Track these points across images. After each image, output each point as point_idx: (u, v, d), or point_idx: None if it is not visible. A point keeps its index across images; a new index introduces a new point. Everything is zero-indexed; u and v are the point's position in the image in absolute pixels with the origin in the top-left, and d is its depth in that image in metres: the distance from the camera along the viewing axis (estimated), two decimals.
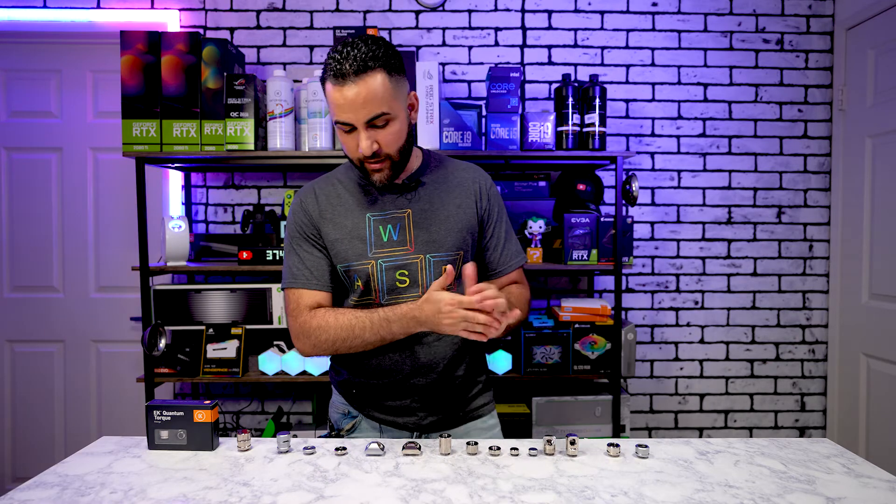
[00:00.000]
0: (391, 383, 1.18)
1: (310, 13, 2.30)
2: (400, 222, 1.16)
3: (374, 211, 1.16)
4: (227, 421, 2.35)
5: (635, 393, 2.39)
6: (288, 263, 1.19)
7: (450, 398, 1.21)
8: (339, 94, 1.03)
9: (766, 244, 2.37)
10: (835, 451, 1.05)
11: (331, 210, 1.17)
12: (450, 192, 1.20)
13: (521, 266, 1.27)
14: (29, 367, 2.38)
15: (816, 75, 2.35)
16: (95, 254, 2.37)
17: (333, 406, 1.29)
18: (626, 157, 2.03)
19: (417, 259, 1.15)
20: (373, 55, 1.03)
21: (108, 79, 2.32)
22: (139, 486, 0.90)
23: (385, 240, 1.15)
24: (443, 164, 1.25)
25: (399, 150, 1.11)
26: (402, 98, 1.10)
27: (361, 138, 1.06)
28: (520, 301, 1.21)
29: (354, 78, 1.02)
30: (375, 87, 1.03)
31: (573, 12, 2.32)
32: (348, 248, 1.15)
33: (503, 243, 1.25)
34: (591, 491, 0.88)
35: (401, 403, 1.19)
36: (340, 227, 1.16)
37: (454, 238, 1.17)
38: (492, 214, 1.24)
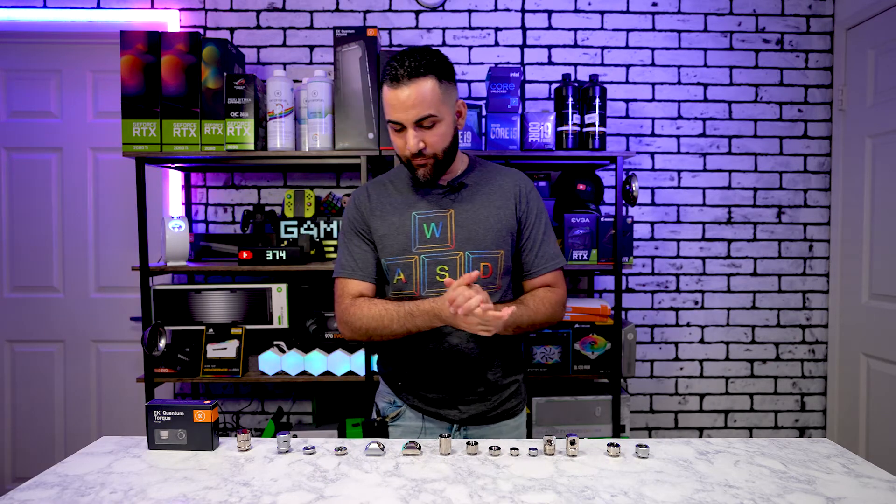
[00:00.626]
0: (433, 377, 1.25)
1: (310, 13, 2.30)
2: (443, 221, 1.24)
3: (420, 210, 1.25)
4: (227, 421, 2.35)
5: (635, 393, 2.39)
6: (339, 255, 1.31)
7: (487, 395, 1.27)
8: (393, 96, 1.15)
9: (766, 244, 2.37)
10: (835, 451, 1.05)
11: (381, 207, 1.28)
12: (491, 194, 1.28)
13: (557, 269, 1.31)
14: (29, 367, 2.38)
15: (816, 75, 2.35)
16: (95, 254, 2.37)
17: (380, 395, 1.37)
18: (626, 157, 2.03)
19: (457, 256, 1.23)
20: (426, 62, 1.15)
21: (108, 79, 2.32)
22: (139, 486, 0.90)
23: (428, 236, 1.24)
24: (487, 168, 1.33)
25: (443, 151, 1.21)
26: (450, 104, 1.21)
27: (409, 137, 1.17)
28: (542, 303, 1.24)
29: (407, 82, 1.14)
30: (425, 91, 1.14)
31: (573, 12, 2.32)
32: (394, 242, 1.24)
33: (539, 245, 1.29)
34: (591, 491, 0.88)
35: (442, 396, 1.26)
36: (388, 223, 1.26)
37: (493, 237, 1.24)
38: (529, 217, 1.29)
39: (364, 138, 1.97)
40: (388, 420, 1.30)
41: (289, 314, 2.07)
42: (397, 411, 1.31)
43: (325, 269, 1.95)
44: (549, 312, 1.26)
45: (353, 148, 1.97)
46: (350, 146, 1.97)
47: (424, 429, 1.28)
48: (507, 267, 1.27)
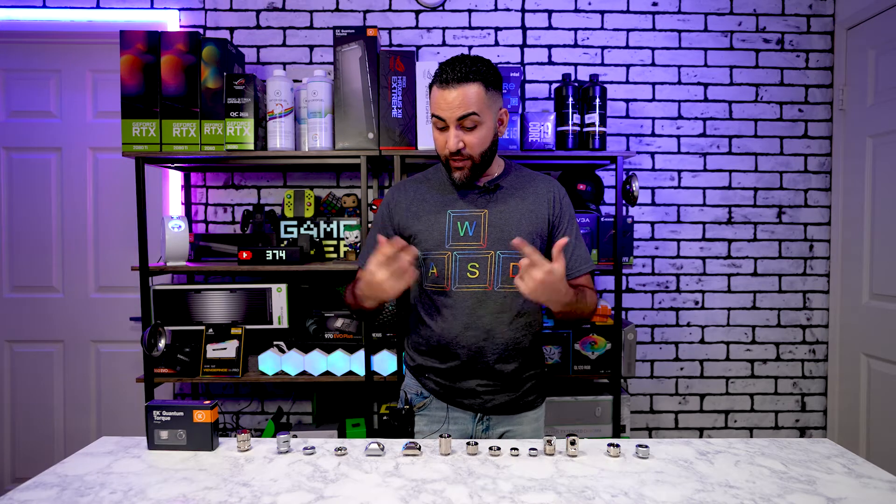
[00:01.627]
0: (457, 370, 1.31)
1: (310, 13, 2.30)
2: (476, 220, 1.30)
3: (455, 209, 1.31)
4: (226, 421, 2.35)
5: (635, 393, 2.38)
6: (365, 245, 1.40)
7: (509, 386, 1.32)
8: (440, 95, 1.23)
9: (767, 244, 2.37)
10: (835, 451, 1.05)
11: (417, 204, 1.34)
12: (525, 198, 1.33)
13: (588, 272, 1.35)
14: (29, 367, 2.38)
15: (817, 75, 2.35)
16: (95, 254, 2.37)
17: (407, 386, 1.42)
18: (627, 157, 2.03)
19: (488, 255, 1.28)
20: (475, 70, 1.22)
21: (108, 79, 2.32)
22: (139, 487, 0.90)
23: (461, 234, 1.29)
24: (522, 173, 1.39)
25: (481, 154, 1.27)
26: (494, 110, 1.27)
27: (451, 135, 1.24)
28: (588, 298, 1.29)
29: (455, 84, 1.21)
30: (471, 94, 1.21)
31: (573, 12, 2.32)
32: (429, 238, 1.30)
33: (572, 249, 1.33)
34: (592, 491, 0.88)
35: (468, 387, 1.31)
36: (424, 220, 1.32)
37: (524, 238, 1.24)
38: (562, 221, 1.35)
39: (364, 138, 1.96)
40: (416, 409, 1.37)
41: (289, 314, 2.06)
42: (424, 402, 1.37)
43: (325, 270, 1.95)
44: (590, 310, 1.31)
45: (352, 148, 1.96)
46: (350, 146, 1.97)
47: (449, 418, 1.34)
48: None
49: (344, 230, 2.15)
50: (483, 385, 1.31)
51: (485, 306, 1.27)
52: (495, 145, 1.31)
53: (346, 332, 2.09)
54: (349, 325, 2.10)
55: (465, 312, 1.28)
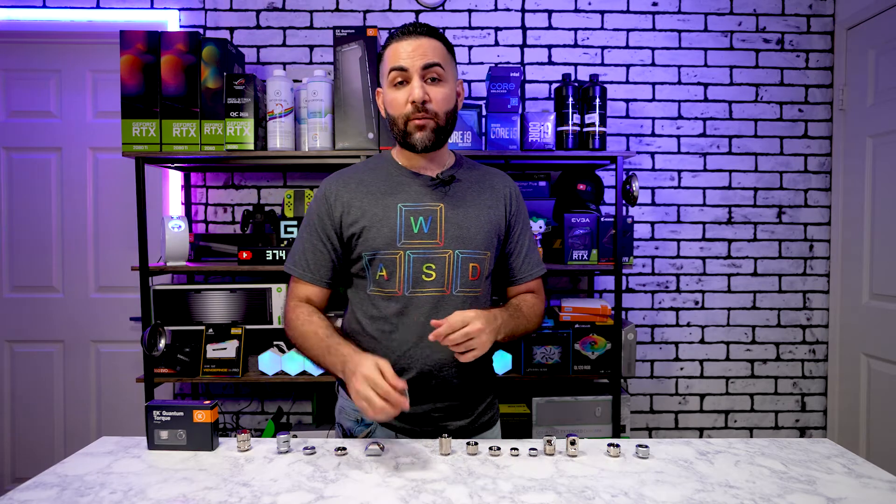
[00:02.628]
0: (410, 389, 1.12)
1: (310, 13, 2.30)
2: (432, 215, 1.15)
3: (406, 201, 1.15)
4: (226, 421, 2.35)
5: (635, 393, 2.38)
6: (295, 246, 1.21)
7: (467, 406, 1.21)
8: (399, 45, 1.11)
9: (767, 244, 2.37)
10: (835, 451, 1.05)
11: (360, 198, 1.16)
12: (482, 192, 1.22)
13: (540, 276, 1.29)
14: (29, 367, 2.38)
15: (817, 75, 2.35)
16: (95, 254, 2.37)
17: (344, 412, 1.23)
18: (626, 157, 2.03)
19: (446, 254, 1.14)
20: (435, 30, 1.15)
21: (108, 79, 2.32)
22: (139, 487, 0.90)
23: (415, 231, 1.14)
24: (475, 166, 1.28)
25: (445, 115, 1.14)
26: (454, 74, 1.18)
27: (414, 85, 1.10)
28: (531, 312, 1.23)
29: (417, 35, 1.12)
30: (434, 45, 1.12)
31: (573, 12, 2.32)
32: (376, 235, 1.13)
33: (526, 251, 1.26)
34: (592, 491, 0.88)
35: (422, 411, 1.16)
36: (369, 214, 1.15)
37: (483, 237, 1.18)
38: (518, 221, 1.26)
39: (364, 138, 1.96)
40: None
41: None
42: (367, 431, 1.19)
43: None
44: (537, 322, 1.25)
45: (352, 148, 1.96)
46: (350, 146, 1.97)
47: None
48: (490, 270, 1.23)
49: None
50: (439, 410, 1.16)
51: (442, 312, 1.09)
52: (456, 117, 1.18)
53: None
54: None
55: (420, 321, 1.12)
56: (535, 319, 1.24)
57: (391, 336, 1.14)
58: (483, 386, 1.24)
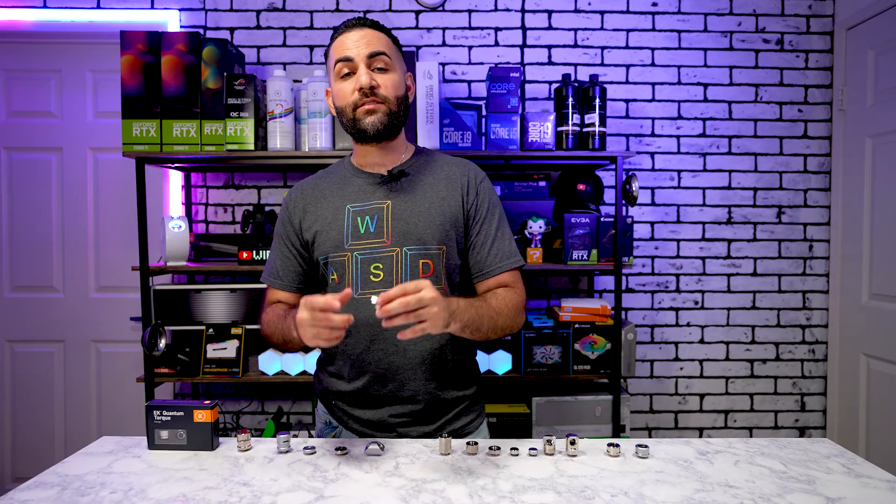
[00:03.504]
0: (365, 393, 1.14)
1: (310, 13, 2.30)
2: (378, 213, 1.12)
3: (355, 202, 1.14)
4: (227, 421, 2.35)
5: (635, 393, 2.39)
6: (269, 256, 1.24)
7: (427, 414, 1.14)
8: (344, 37, 1.10)
9: (766, 244, 2.37)
10: (835, 451, 1.05)
11: (314, 203, 1.17)
12: (435, 184, 1.16)
13: (514, 269, 1.17)
14: (29, 367, 2.38)
15: (816, 75, 2.35)
16: (95, 254, 2.37)
17: (318, 415, 1.26)
18: (626, 157, 2.03)
19: (393, 252, 1.10)
20: (379, 24, 1.14)
21: (108, 79, 2.32)
22: (139, 486, 0.90)
23: (362, 231, 1.12)
24: (433, 157, 1.22)
25: (396, 100, 1.12)
26: (401, 64, 1.16)
27: (360, 72, 1.09)
28: (501, 304, 1.10)
29: (360, 27, 1.11)
30: (379, 36, 1.12)
31: (573, 12, 2.32)
32: (326, 239, 1.14)
33: (491, 242, 1.16)
34: (591, 491, 0.88)
35: (378, 418, 1.14)
36: (321, 219, 1.15)
37: (434, 231, 1.12)
38: (479, 210, 1.16)
39: None
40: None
41: None
42: (332, 433, 1.19)
43: None
44: (512, 315, 1.11)
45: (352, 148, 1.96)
46: (350, 146, 1.97)
47: None
48: (454, 266, 1.15)
49: None
50: (396, 416, 1.13)
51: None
52: (408, 105, 1.16)
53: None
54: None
55: (370, 323, 1.08)
56: (510, 313, 1.10)
57: (346, 340, 1.12)
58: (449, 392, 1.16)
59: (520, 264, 1.18)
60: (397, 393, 1.13)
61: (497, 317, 1.08)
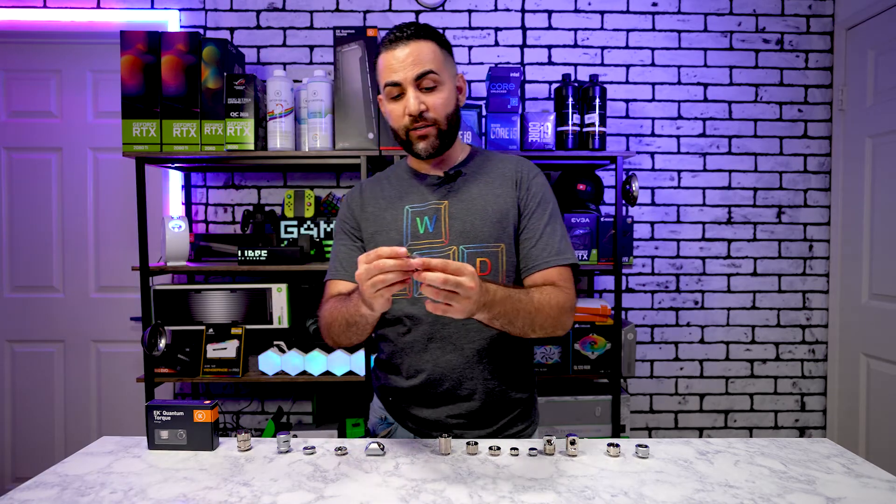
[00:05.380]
0: (423, 392, 1.13)
1: (310, 13, 2.30)
2: (436, 214, 1.13)
3: (414, 203, 1.15)
4: (227, 421, 2.35)
5: (635, 393, 2.39)
6: (330, 260, 1.22)
7: (486, 415, 1.14)
8: (391, 55, 1.08)
9: (766, 244, 2.37)
10: (835, 451, 1.05)
11: (373, 204, 1.18)
12: (491, 182, 1.16)
13: (562, 265, 1.12)
14: (29, 367, 2.38)
15: (816, 75, 2.35)
16: (95, 254, 2.37)
17: (372, 410, 1.26)
18: (626, 157, 2.03)
19: (450, 251, 1.11)
20: (425, 28, 1.10)
21: (108, 79, 2.32)
22: (139, 486, 0.90)
23: (421, 232, 1.13)
24: (488, 156, 1.23)
25: (446, 118, 1.11)
26: (451, 72, 1.13)
27: (409, 97, 1.08)
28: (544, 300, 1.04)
29: (406, 41, 1.07)
30: (425, 50, 1.08)
31: (573, 12, 2.32)
32: (385, 239, 1.14)
33: (538, 236, 1.13)
34: (591, 491, 0.88)
35: (435, 417, 1.14)
36: (380, 220, 1.16)
37: (491, 229, 1.11)
38: (530, 204, 1.15)
39: (364, 138, 1.97)
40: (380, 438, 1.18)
41: (289, 314, 2.07)
42: (388, 430, 1.20)
43: (325, 270, 1.94)
44: (555, 314, 1.05)
45: (352, 148, 1.97)
46: (350, 146, 1.97)
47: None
48: (513, 263, 1.14)
49: None
50: (454, 416, 1.13)
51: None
52: (459, 114, 1.15)
53: None
54: None
55: (430, 321, 1.10)
56: (552, 311, 1.04)
57: (404, 338, 1.14)
58: (507, 394, 1.15)
59: (570, 262, 1.14)
60: (454, 391, 1.12)
61: (536, 313, 1.02)
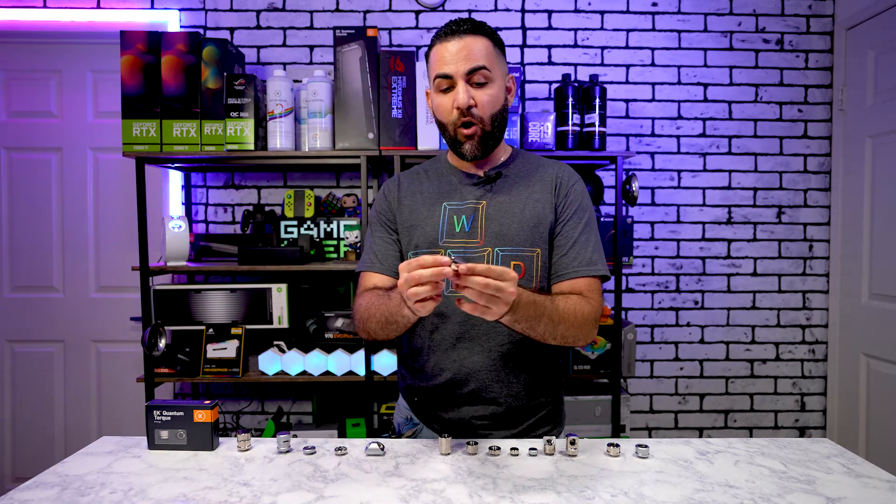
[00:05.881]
0: (448, 394, 1.13)
1: (310, 13, 2.30)
2: (474, 213, 1.12)
3: (452, 200, 1.15)
4: (227, 421, 2.35)
5: (635, 393, 2.39)
6: (363, 250, 1.21)
7: (512, 416, 1.14)
8: (444, 48, 1.08)
9: (766, 244, 2.37)
10: (835, 451, 1.05)
11: (410, 196, 1.18)
12: (530, 185, 1.15)
13: (591, 276, 1.11)
14: (29, 367, 2.38)
15: (816, 75, 2.35)
16: (95, 254, 2.37)
17: (398, 409, 1.27)
18: (626, 157, 2.03)
19: (485, 252, 1.10)
20: (481, 26, 1.10)
21: (108, 79, 2.32)
22: (139, 486, 0.90)
23: (457, 230, 1.12)
24: (529, 159, 1.22)
25: (492, 119, 1.10)
26: (502, 71, 1.13)
27: (459, 90, 1.07)
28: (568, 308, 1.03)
29: (461, 35, 1.07)
30: (479, 45, 1.08)
31: (573, 12, 2.32)
32: (420, 234, 1.13)
33: (571, 244, 1.12)
34: (591, 491, 0.88)
35: (460, 418, 1.14)
36: (417, 213, 1.15)
37: (527, 233, 1.11)
38: (566, 211, 1.14)
39: (364, 138, 1.97)
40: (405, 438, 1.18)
41: (289, 314, 2.07)
42: (413, 430, 1.20)
43: (325, 270, 1.95)
44: (578, 324, 1.03)
45: (353, 148, 1.97)
46: (350, 146, 1.97)
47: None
48: (549, 269, 1.14)
49: (344, 230, 2.16)
50: (478, 418, 1.13)
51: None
52: (506, 115, 1.14)
53: (347, 332, 2.09)
54: (349, 325, 2.10)
55: (458, 321, 1.10)
56: (575, 321, 1.03)
57: (432, 336, 1.14)
58: (532, 397, 1.15)
59: (599, 273, 1.12)
60: (479, 394, 1.12)
61: (560, 321, 1.01)
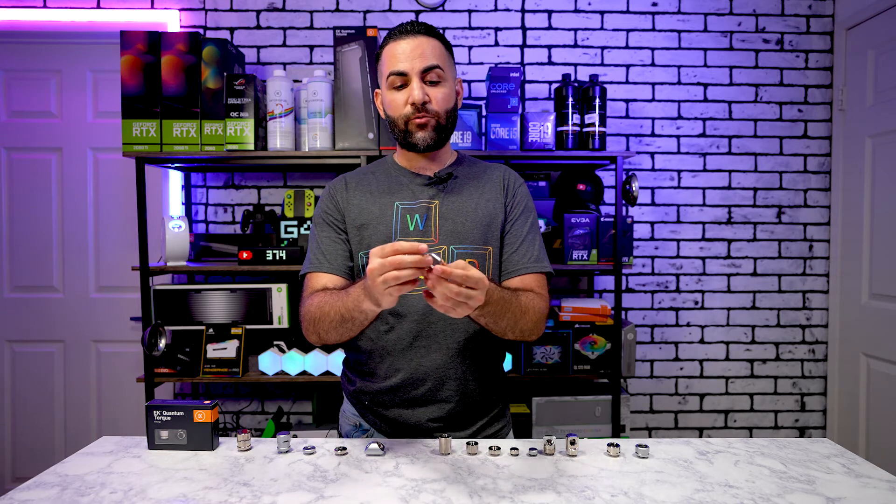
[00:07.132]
0: (400, 393, 1.13)
1: (310, 13, 2.30)
2: (427, 212, 1.13)
3: (403, 200, 1.15)
4: (227, 421, 2.35)
5: (635, 393, 2.39)
6: (308, 250, 1.18)
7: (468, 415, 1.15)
8: (397, 46, 1.11)
9: (766, 244, 2.37)
10: (835, 451, 1.05)
11: (359, 196, 1.17)
12: (481, 186, 1.19)
13: (539, 273, 1.15)
14: (29, 367, 2.38)
15: (816, 75, 2.35)
16: (95, 254, 2.37)
17: (344, 416, 1.24)
18: (626, 157, 2.03)
19: (440, 250, 1.12)
20: (432, 28, 1.14)
21: (108, 79, 2.32)
22: (139, 486, 0.90)
23: (411, 229, 1.12)
24: (475, 162, 1.25)
25: (446, 113, 1.14)
26: (453, 73, 1.17)
27: (414, 87, 1.09)
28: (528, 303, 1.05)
29: (415, 35, 1.11)
30: (432, 45, 1.11)
31: (573, 12, 2.32)
32: (373, 233, 1.13)
33: (520, 242, 1.16)
34: (591, 491, 0.88)
35: (415, 420, 1.13)
36: (367, 212, 1.15)
37: (480, 231, 1.14)
38: (514, 210, 1.18)
39: (364, 138, 1.97)
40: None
41: (289, 314, 2.07)
42: (364, 437, 1.19)
43: None
44: (535, 320, 1.06)
45: (352, 148, 1.97)
46: (350, 146, 1.97)
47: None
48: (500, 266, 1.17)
49: None
50: (434, 419, 1.13)
51: (437, 312, 1.06)
52: (456, 114, 1.17)
53: None
54: None
55: (415, 319, 1.10)
56: (534, 316, 1.06)
57: (386, 336, 1.12)
58: (485, 395, 1.17)
59: (547, 270, 1.17)
60: (435, 393, 1.12)
61: (521, 316, 1.03)
